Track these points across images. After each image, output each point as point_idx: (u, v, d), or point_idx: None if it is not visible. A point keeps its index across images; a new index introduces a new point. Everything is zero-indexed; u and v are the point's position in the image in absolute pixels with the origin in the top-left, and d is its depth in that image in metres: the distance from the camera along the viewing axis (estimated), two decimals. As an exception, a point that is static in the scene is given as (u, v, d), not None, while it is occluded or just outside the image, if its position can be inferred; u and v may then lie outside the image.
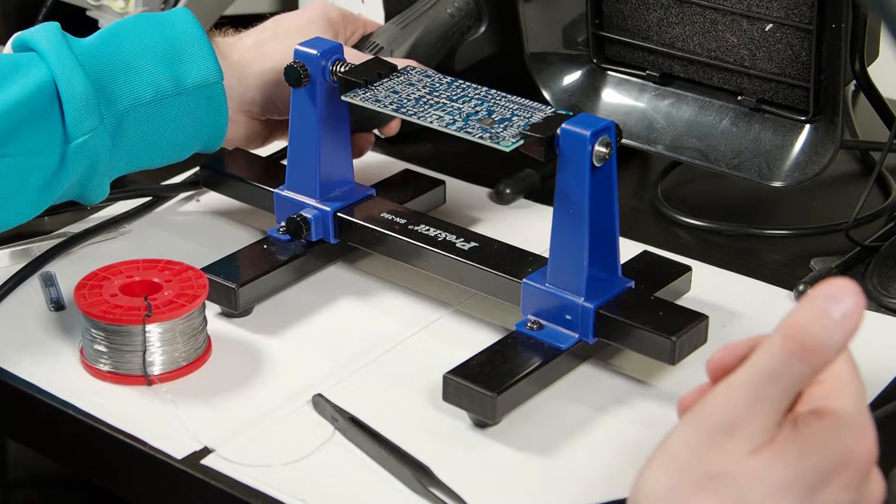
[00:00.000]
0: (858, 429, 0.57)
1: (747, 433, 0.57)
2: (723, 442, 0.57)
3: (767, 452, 0.57)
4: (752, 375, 0.57)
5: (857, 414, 0.58)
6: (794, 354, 0.56)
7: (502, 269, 0.91)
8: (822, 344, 0.56)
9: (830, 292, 0.56)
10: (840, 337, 0.56)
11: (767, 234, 1.05)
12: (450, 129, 0.88)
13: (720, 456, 0.57)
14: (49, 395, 0.87)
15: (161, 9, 1.18)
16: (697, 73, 1.07)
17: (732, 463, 0.57)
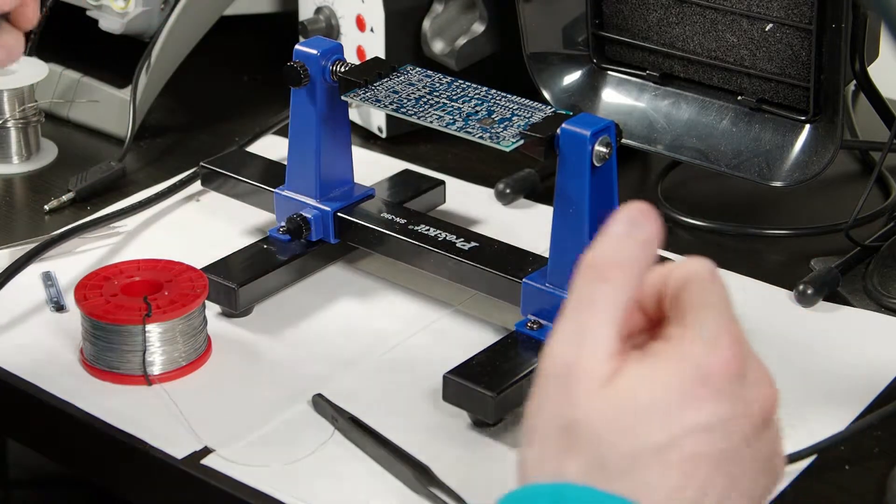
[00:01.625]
0: (712, 342, 0.55)
1: (584, 371, 0.54)
2: (565, 390, 0.54)
3: (611, 387, 0.54)
4: (568, 310, 0.56)
5: (711, 329, 0.56)
6: (595, 277, 0.55)
7: (502, 269, 0.90)
8: (614, 258, 0.55)
9: (618, 216, 0.56)
10: (633, 248, 0.56)
11: (767, 234, 1.05)
12: (450, 129, 0.88)
13: (568, 405, 0.54)
14: (49, 395, 0.87)
15: (161, 10, 1.18)
16: (697, 73, 1.07)
17: (580, 408, 0.54)
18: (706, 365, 0.55)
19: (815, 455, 0.81)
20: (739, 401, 0.55)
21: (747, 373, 0.56)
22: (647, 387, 0.54)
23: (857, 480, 0.80)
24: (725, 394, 0.55)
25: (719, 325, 0.56)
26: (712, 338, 0.55)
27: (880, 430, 0.84)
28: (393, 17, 1.15)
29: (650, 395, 0.54)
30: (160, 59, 1.17)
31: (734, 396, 0.55)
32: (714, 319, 0.56)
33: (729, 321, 0.57)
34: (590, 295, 0.55)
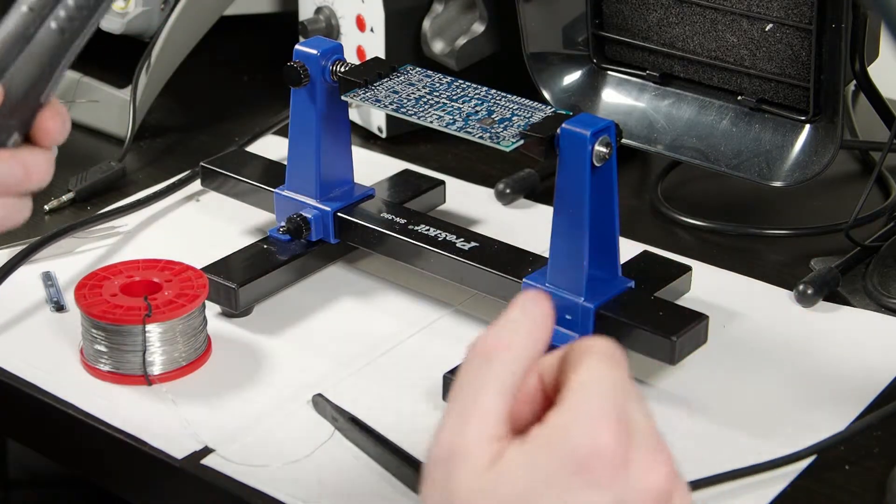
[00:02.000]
0: (590, 427, 0.53)
1: (466, 455, 0.53)
2: (448, 474, 0.53)
3: (492, 471, 0.53)
4: (454, 393, 0.55)
5: (591, 410, 0.53)
6: (481, 360, 0.55)
7: (502, 269, 0.90)
8: (501, 340, 0.54)
9: (511, 304, 0.55)
10: (521, 329, 0.55)
11: (767, 234, 1.05)
12: (450, 129, 0.88)
13: (450, 490, 0.53)
14: (49, 395, 0.87)
15: (161, 9, 1.18)
16: (697, 73, 1.07)
17: (461, 492, 0.53)
18: (581, 452, 0.52)
19: (815, 455, 0.81)
20: (622, 488, 0.52)
21: (633, 458, 0.53)
22: (524, 474, 0.52)
23: (857, 480, 0.80)
24: (603, 482, 0.52)
25: (601, 407, 0.53)
26: (591, 422, 0.53)
27: (880, 430, 0.84)
28: (393, 17, 1.15)
29: (526, 483, 0.52)
30: (160, 59, 1.17)
31: (615, 484, 0.52)
32: (596, 401, 0.53)
33: (613, 403, 0.54)
34: (475, 377, 0.55)
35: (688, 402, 0.86)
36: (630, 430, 0.53)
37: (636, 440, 0.53)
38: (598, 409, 0.53)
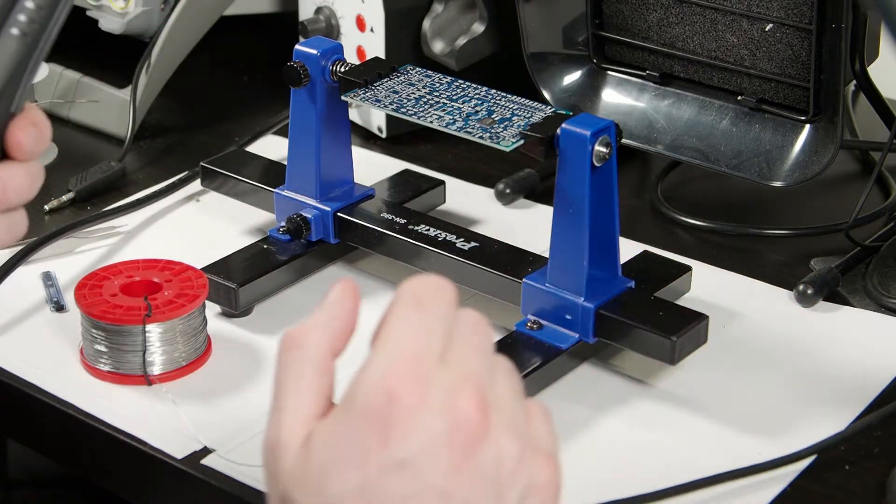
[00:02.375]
0: (381, 375, 0.52)
1: (284, 444, 0.54)
2: (274, 466, 0.54)
3: (304, 449, 0.53)
4: (272, 390, 0.55)
5: (380, 361, 0.53)
6: (287, 347, 0.56)
7: (502, 269, 0.90)
8: (305, 326, 0.55)
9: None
10: (323, 313, 0.56)
11: (767, 234, 1.05)
12: (450, 129, 0.88)
13: (277, 481, 0.54)
14: (49, 395, 0.87)
15: (161, 9, 1.18)
16: (697, 73, 1.07)
17: (283, 481, 0.53)
18: (372, 406, 0.52)
19: (815, 455, 0.81)
20: (427, 435, 0.51)
21: (433, 400, 0.52)
22: (328, 444, 0.52)
23: (857, 480, 0.80)
24: (402, 433, 0.51)
25: (393, 355, 0.53)
26: (380, 373, 0.53)
27: (880, 430, 0.84)
28: (393, 17, 1.15)
29: (330, 453, 0.52)
30: (160, 59, 1.17)
31: (415, 432, 0.51)
32: (390, 350, 0.53)
33: (407, 348, 0.53)
34: (284, 367, 0.55)
35: (688, 402, 0.86)
36: (427, 371, 0.52)
37: (438, 379, 0.52)
38: (389, 357, 0.53)
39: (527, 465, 0.54)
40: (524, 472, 0.54)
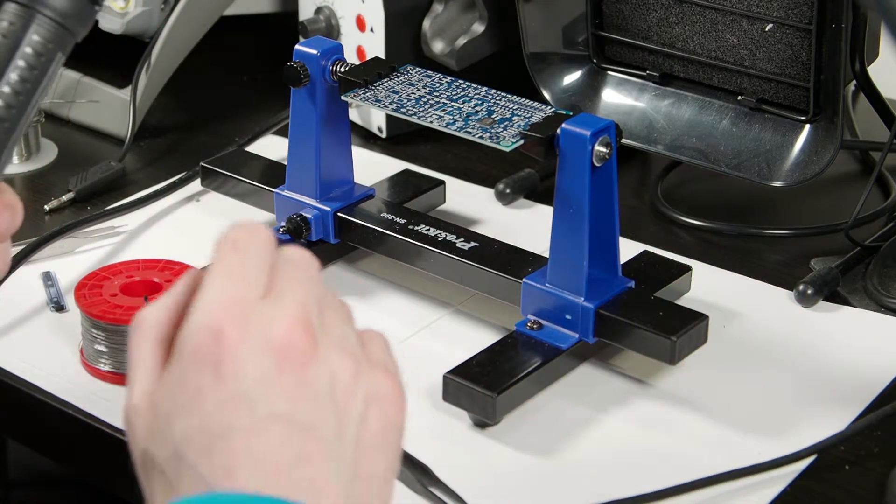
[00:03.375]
0: (199, 315, 0.53)
1: (136, 408, 0.55)
2: (130, 432, 0.55)
3: (149, 409, 0.54)
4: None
5: (198, 304, 0.53)
6: (134, 327, 0.56)
7: (502, 269, 0.90)
8: (142, 314, 0.56)
9: None
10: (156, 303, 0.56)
11: (767, 234, 1.05)
12: (450, 129, 0.88)
13: (133, 444, 0.55)
14: (49, 395, 0.87)
15: (161, 9, 1.18)
16: (697, 73, 1.07)
17: (137, 438, 0.54)
18: (193, 345, 0.53)
19: (815, 455, 0.81)
20: (251, 365, 0.52)
21: (252, 332, 0.53)
22: (166, 394, 0.54)
23: (857, 480, 0.80)
24: (228, 367, 0.52)
25: (206, 297, 0.54)
26: (198, 314, 0.53)
27: (880, 430, 0.84)
28: (393, 17, 1.15)
29: (169, 402, 0.53)
30: (160, 59, 1.17)
31: (241, 365, 0.52)
32: (202, 294, 0.54)
33: (218, 287, 0.54)
34: (130, 347, 0.56)
35: (688, 402, 0.86)
36: (249, 306, 0.53)
37: (260, 311, 0.53)
38: (210, 299, 0.53)
39: (364, 379, 0.55)
40: (361, 384, 0.55)
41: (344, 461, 0.54)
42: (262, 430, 0.52)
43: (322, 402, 0.53)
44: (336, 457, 0.53)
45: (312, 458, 0.53)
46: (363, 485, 0.55)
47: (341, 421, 0.54)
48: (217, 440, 0.52)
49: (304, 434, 0.53)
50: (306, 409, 0.53)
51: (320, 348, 0.54)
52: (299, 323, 0.54)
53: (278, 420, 0.52)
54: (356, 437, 0.55)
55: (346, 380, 0.54)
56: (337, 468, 0.53)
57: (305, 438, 0.53)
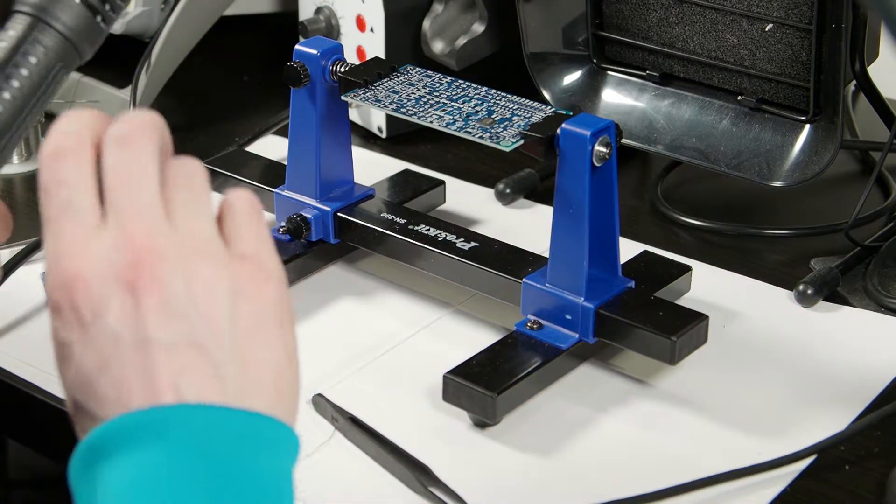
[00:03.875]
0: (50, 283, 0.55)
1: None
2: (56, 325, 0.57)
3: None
4: None
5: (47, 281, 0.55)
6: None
7: (502, 269, 0.90)
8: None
9: None
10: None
11: (767, 234, 1.05)
12: (450, 129, 0.88)
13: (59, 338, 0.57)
14: (49, 395, 0.87)
15: (161, 9, 1.18)
16: (697, 73, 1.07)
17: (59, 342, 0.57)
18: (53, 299, 0.55)
19: (815, 455, 0.81)
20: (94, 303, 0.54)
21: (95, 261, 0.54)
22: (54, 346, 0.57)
23: (857, 480, 0.80)
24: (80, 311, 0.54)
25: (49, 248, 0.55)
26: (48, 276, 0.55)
27: (880, 430, 0.84)
28: (393, 17, 1.15)
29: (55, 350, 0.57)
30: (160, 59, 1.17)
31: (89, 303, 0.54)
32: (47, 237, 0.55)
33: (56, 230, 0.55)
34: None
35: (688, 402, 0.86)
36: (85, 242, 0.54)
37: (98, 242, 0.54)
38: (47, 254, 0.55)
39: (223, 274, 0.55)
40: (222, 282, 0.55)
41: (226, 361, 0.54)
42: (137, 358, 0.53)
43: (186, 314, 0.54)
44: (217, 360, 0.54)
45: (194, 367, 0.53)
46: (254, 371, 0.55)
47: (212, 324, 0.54)
48: (100, 378, 0.54)
49: (178, 350, 0.53)
50: (173, 327, 0.53)
51: (169, 262, 0.54)
52: (142, 245, 0.54)
53: (146, 345, 0.53)
54: (231, 333, 0.55)
55: (204, 284, 0.54)
56: (220, 370, 0.54)
57: (180, 353, 0.53)
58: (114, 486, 0.53)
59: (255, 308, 0.56)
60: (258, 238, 0.57)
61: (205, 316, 0.54)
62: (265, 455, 0.54)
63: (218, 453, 0.53)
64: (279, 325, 0.57)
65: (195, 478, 0.52)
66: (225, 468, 0.53)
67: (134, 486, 0.52)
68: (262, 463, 0.54)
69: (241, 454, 0.53)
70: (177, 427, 0.52)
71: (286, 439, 0.55)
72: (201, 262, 0.55)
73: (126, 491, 0.52)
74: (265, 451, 0.54)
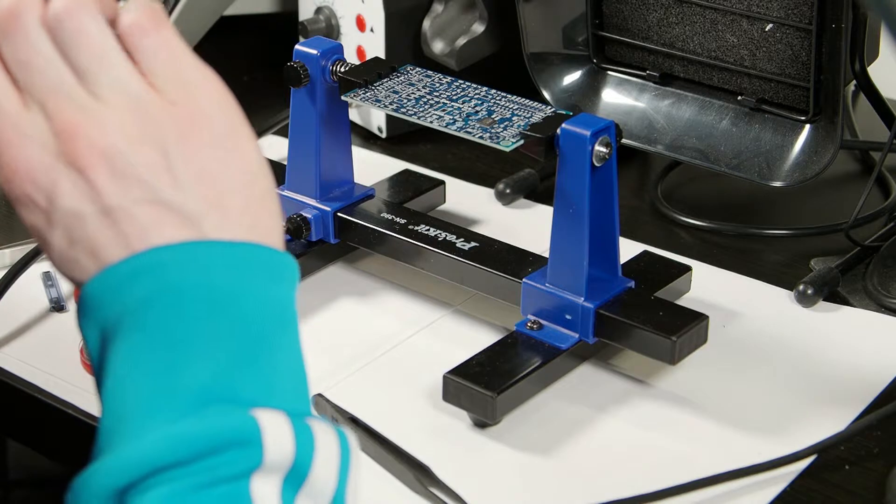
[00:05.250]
0: None
1: None
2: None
3: None
4: None
5: None
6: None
7: (502, 269, 0.90)
8: None
9: None
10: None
11: (767, 234, 1.05)
12: (450, 129, 0.88)
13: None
14: (49, 395, 0.87)
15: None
16: (697, 73, 1.07)
17: None
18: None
19: (815, 455, 0.81)
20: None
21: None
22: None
23: (857, 480, 0.80)
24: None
25: None
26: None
27: (880, 430, 0.84)
28: (393, 17, 1.15)
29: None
30: (160, 59, 1.17)
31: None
32: None
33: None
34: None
35: (688, 402, 0.86)
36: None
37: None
38: None
39: (162, 124, 0.55)
40: (160, 133, 0.55)
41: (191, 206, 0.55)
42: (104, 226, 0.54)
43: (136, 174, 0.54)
44: (181, 207, 0.54)
45: (162, 221, 0.54)
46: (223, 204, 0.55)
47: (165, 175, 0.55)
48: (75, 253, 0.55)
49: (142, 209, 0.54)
50: (128, 189, 0.54)
51: (103, 128, 0.55)
52: (69, 120, 0.55)
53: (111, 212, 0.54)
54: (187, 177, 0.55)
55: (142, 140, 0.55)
56: (187, 216, 0.55)
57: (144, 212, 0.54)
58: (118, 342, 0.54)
59: (200, 144, 0.56)
60: (178, 74, 0.57)
61: (154, 171, 0.54)
62: (261, 284, 0.54)
63: (214, 288, 0.53)
64: (233, 149, 0.57)
65: (194, 316, 0.53)
66: (223, 303, 0.53)
67: (132, 332, 0.53)
68: (259, 293, 0.54)
69: (236, 286, 0.54)
70: (170, 266, 0.53)
71: (281, 264, 0.55)
72: (134, 119, 0.55)
73: (127, 337, 0.53)
74: (261, 280, 0.54)
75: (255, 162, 0.57)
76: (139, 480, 0.51)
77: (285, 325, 0.55)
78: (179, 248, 0.54)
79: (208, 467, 0.51)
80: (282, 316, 0.55)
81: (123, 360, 0.53)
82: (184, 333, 0.53)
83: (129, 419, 0.53)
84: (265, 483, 0.52)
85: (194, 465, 0.51)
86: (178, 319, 0.53)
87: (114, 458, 0.52)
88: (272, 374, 0.54)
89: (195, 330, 0.53)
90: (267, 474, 0.52)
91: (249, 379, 0.53)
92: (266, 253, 0.55)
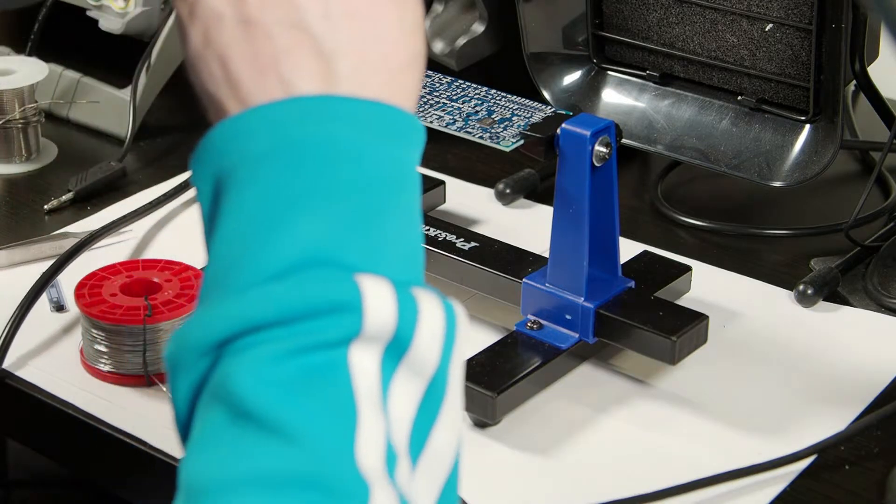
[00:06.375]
0: None
1: None
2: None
3: None
4: None
5: None
6: None
7: (502, 269, 0.91)
8: None
9: None
10: None
11: (767, 234, 1.05)
12: (450, 129, 0.88)
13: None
14: (49, 395, 0.87)
15: (161, 9, 1.18)
16: (697, 73, 1.07)
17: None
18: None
19: (815, 455, 0.81)
20: None
21: None
22: None
23: (857, 480, 0.80)
24: None
25: None
26: None
27: (880, 430, 0.84)
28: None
29: None
30: (160, 59, 1.17)
31: None
32: None
33: None
34: None
35: (688, 402, 0.86)
36: None
37: None
38: None
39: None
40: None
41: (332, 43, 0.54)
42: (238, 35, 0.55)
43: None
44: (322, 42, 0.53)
45: (298, 50, 0.53)
46: (364, 54, 0.54)
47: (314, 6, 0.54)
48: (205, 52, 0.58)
49: (281, 31, 0.54)
50: (274, 9, 0.54)
51: None
52: None
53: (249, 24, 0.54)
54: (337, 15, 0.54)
55: None
56: (325, 53, 0.53)
57: (283, 34, 0.53)
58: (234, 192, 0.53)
59: None
60: None
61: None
62: (385, 145, 0.52)
63: (336, 146, 0.52)
64: (396, 4, 0.55)
65: (311, 173, 0.51)
66: (343, 162, 0.52)
67: (247, 184, 0.52)
68: (382, 154, 0.52)
69: (359, 146, 0.52)
70: (293, 120, 0.52)
71: (408, 126, 0.54)
72: None
73: (242, 189, 0.53)
74: (386, 142, 0.52)
75: (412, 19, 0.55)
76: (235, 337, 0.49)
77: (404, 190, 0.53)
78: (304, 102, 0.52)
79: (306, 331, 0.49)
80: (402, 180, 0.53)
81: (233, 213, 0.52)
82: (299, 190, 0.51)
83: (232, 273, 0.51)
84: (365, 353, 0.49)
85: (292, 326, 0.49)
86: (294, 175, 0.51)
87: (212, 311, 0.50)
88: (382, 239, 0.52)
89: (310, 188, 0.51)
90: (367, 344, 0.50)
91: (358, 243, 0.51)
92: (394, 114, 0.53)
